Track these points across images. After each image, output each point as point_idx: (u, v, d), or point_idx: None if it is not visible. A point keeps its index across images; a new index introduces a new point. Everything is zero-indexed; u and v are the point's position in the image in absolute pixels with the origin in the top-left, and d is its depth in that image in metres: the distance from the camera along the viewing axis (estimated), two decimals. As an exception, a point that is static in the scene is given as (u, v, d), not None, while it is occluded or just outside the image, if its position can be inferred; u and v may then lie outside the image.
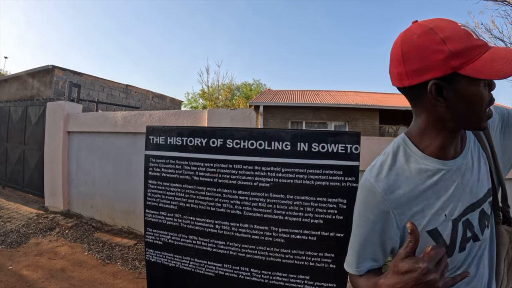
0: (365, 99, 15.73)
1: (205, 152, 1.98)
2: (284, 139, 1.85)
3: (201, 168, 1.98)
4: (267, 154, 1.87)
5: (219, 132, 1.98)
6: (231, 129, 2.03)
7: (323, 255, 1.81)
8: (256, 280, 1.90)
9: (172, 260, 2.09)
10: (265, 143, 1.87)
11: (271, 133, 1.90)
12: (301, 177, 1.81)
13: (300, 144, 1.82)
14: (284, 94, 17.59)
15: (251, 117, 4.07)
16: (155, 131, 2.12)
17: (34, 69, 13.68)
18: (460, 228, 0.92)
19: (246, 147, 1.90)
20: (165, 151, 2.08)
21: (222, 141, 1.95)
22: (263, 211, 1.87)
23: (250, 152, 1.89)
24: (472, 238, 0.94)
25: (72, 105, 6.14)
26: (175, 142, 2.06)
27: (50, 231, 4.93)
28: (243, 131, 1.97)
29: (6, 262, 3.83)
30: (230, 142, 1.93)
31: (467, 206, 0.93)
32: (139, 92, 17.41)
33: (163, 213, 2.09)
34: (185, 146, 2.03)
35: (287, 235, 1.84)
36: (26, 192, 6.82)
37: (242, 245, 1.92)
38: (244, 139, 1.91)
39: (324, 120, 14.13)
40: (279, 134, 1.87)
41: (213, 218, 1.96)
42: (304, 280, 1.84)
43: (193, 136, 2.01)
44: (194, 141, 2.00)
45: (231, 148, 1.93)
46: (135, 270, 3.84)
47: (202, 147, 1.99)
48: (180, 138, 2.04)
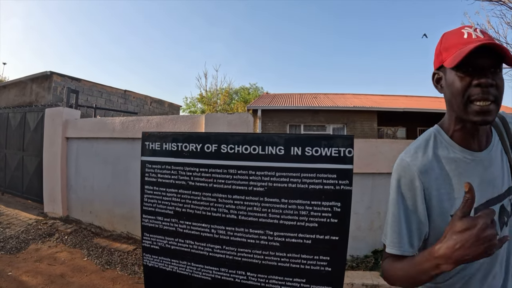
0: (363, 101, 15.79)
1: (200, 158, 1.99)
2: (278, 144, 1.86)
3: (196, 173, 1.99)
4: (261, 159, 1.88)
5: (213, 137, 1.99)
6: (226, 134, 2.04)
7: (319, 258, 1.82)
8: (253, 283, 1.91)
9: (169, 264, 2.10)
10: (259, 147, 1.88)
11: (265, 138, 1.91)
12: (295, 181, 1.82)
13: (293, 148, 1.84)
14: (282, 98, 17.65)
15: (248, 121, 4.09)
16: (150, 137, 2.14)
17: (32, 75, 13.70)
18: None
19: (240, 152, 1.92)
20: (161, 157, 2.10)
21: (217, 146, 1.96)
22: (258, 215, 1.87)
23: (245, 157, 1.91)
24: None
25: (70, 111, 6.17)
26: (170, 148, 2.07)
27: (50, 237, 4.95)
28: (237, 136, 1.98)
29: (6, 268, 3.84)
30: (225, 147, 1.94)
31: (489, 199, 0.99)
32: (137, 98, 17.43)
33: (159, 218, 2.10)
34: (181, 151, 2.04)
35: (282, 239, 1.85)
36: (25, 198, 6.84)
37: (238, 249, 1.92)
38: (238, 144, 1.92)
39: (322, 123, 14.18)
40: (272, 139, 1.89)
41: (208, 223, 1.97)
42: (300, 283, 1.85)
43: (188, 141, 2.03)
44: (189, 146, 2.02)
45: (226, 153, 1.94)
46: (134, 275, 3.86)
47: (197, 152, 2.00)
48: (176, 144, 2.05)
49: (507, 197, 1.02)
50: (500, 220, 1.00)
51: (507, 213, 1.02)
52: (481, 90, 0.90)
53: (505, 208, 1.01)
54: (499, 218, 1.00)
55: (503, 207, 1.01)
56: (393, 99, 17.13)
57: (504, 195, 1.02)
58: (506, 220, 1.02)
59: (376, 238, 4.36)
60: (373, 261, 4.21)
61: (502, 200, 1.01)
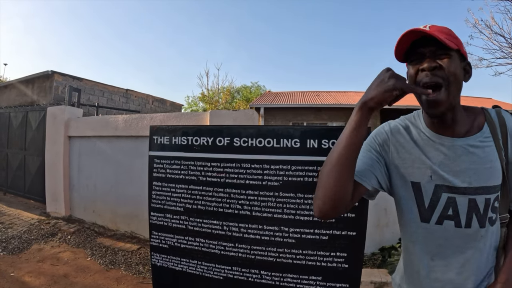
0: (365, 98, 15.69)
1: (212, 152, 1.93)
2: (293, 136, 1.79)
3: (207, 168, 1.93)
4: (276, 152, 1.82)
5: (225, 131, 1.93)
6: (238, 127, 1.98)
7: (335, 254, 1.76)
8: (267, 282, 1.85)
9: (179, 264, 2.04)
10: (274, 140, 1.82)
11: (280, 130, 1.85)
12: (311, 174, 1.76)
13: (310, 141, 1.77)
14: (284, 96, 17.60)
15: (253, 118, 4.03)
16: (159, 131, 2.07)
17: (33, 74, 13.68)
18: (442, 199, 1.02)
19: (254, 145, 1.85)
20: (170, 151, 2.03)
21: (229, 139, 1.89)
22: (273, 211, 1.81)
23: (258, 150, 1.84)
24: (454, 220, 1.01)
25: (72, 110, 6.10)
26: (180, 142, 2.00)
27: (52, 237, 4.88)
28: (250, 128, 1.92)
29: (8, 269, 3.77)
30: (238, 140, 1.88)
31: (458, 186, 1.00)
32: (139, 97, 17.39)
33: (168, 215, 2.04)
34: (191, 145, 1.97)
35: (298, 235, 1.78)
36: (28, 198, 6.78)
37: (251, 246, 1.86)
38: (251, 137, 1.86)
39: (325, 120, 14.12)
40: (288, 131, 1.82)
41: (221, 220, 1.91)
42: (316, 281, 1.79)
43: (199, 135, 1.96)
44: (200, 140, 1.95)
45: (239, 146, 1.88)
46: (139, 275, 3.79)
47: (208, 146, 1.94)
48: (186, 138, 1.99)
49: (483, 194, 0.99)
50: (468, 213, 1.00)
51: (478, 210, 1.00)
52: (425, 74, 0.96)
53: (477, 204, 0.99)
54: (468, 211, 1.00)
55: (475, 201, 0.99)
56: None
57: (480, 191, 0.99)
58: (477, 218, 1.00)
59: (383, 235, 4.29)
60: (380, 258, 4.14)
61: (474, 194, 0.99)
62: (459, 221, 1.00)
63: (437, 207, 1.03)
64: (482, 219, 1.00)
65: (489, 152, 1.00)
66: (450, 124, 1.03)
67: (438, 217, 1.03)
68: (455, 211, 1.01)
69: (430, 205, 1.04)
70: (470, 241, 1.01)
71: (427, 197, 1.04)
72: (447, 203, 1.01)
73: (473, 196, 0.99)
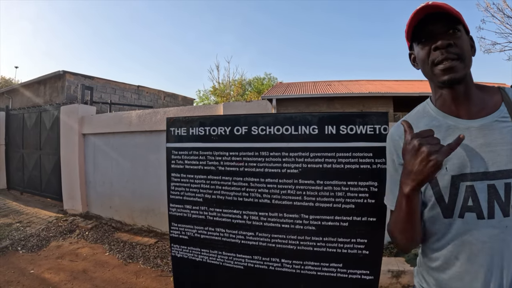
0: (377, 87, 15.54)
1: (230, 141, 1.92)
2: (311, 123, 1.78)
3: (226, 158, 1.93)
4: (294, 139, 1.80)
5: (243, 120, 1.92)
6: (256, 116, 1.97)
7: (356, 241, 1.75)
8: (287, 270, 1.85)
9: (199, 254, 2.05)
10: (292, 128, 1.81)
11: (298, 118, 1.83)
12: (330, 161, 1.74)
13: (327, 127, 1.76)
14: (296, 87, 17.51)
15: (267, 108, 4.02)
16: (176, 123, 2.07)
17: (45, 75, 13.83)
18: (461, 189, 0.96)
19: (272, 133, 1.84)
20: (188, 142, 2.03)
21: (247, 128, 1.89)
22: (293, 199, 1.81)
23: (277, 138, 1.83)
24: (476, 212, 0.94)
25: (85, 108, 6.16)
26: (197, 133, 2.00)
27: (70, 234, 4.95)
28: (268, 116, 1.91)
29: (28, 266, 3.83)
30: (255, 129, 1.87)
31: (475, 172, 0.94)
32: (150, 93, 17.48)
33: (188, 206, 2.04)
34: (208, 135, 1.97)
35: (318, 222, 1.78)
36: (44, 196, 6.88)
37: (271, 235, 1.86)
38: (269, 125, 1.85)
39: (338, 110, 14.00)
40: (306, 118, 1.81)
41: (240, 209, 1.91)
42: (337, 268, 1.78)
43: (216, 125, 1.96)
44: (218, 130, 1.95)
45: (257, 135, 1.87)
46: (157, 268, 3.83)
47: (226, 135, 1.93)
48: (203, 128, 1.99)
49: (503, 178, 0.92)
50: (488, 201, 0.93)
51: (499, 196, 0.92)
52: (439, 52, 0.95)
53: (497, 190, 0.92)
54: (488, 199, 0.93)
55: (494, 187, 0.92)
56: (408, 84, 16.81)
57: (498, 174, 0.92)
58: (499, 205, 0.92)
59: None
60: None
61: (493, 179, 0.93)
62: (481, 212, 0.93)
63: (457, 199, 0.97)
64: (505, 207, 0.92)
65: (506, 133, 0.94)
66: (463, 99, 1.00)
67: (460, 209, 0.96)
68: (475, 201, 0.94)
69: (450, 199, 0.98)
70: (495, 233, 0.92)
71: (445, 191, 0.99)
72: (466, 192, 0.95)
73: (491, 182, 0.93)
